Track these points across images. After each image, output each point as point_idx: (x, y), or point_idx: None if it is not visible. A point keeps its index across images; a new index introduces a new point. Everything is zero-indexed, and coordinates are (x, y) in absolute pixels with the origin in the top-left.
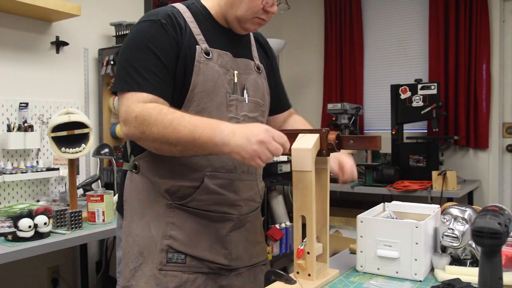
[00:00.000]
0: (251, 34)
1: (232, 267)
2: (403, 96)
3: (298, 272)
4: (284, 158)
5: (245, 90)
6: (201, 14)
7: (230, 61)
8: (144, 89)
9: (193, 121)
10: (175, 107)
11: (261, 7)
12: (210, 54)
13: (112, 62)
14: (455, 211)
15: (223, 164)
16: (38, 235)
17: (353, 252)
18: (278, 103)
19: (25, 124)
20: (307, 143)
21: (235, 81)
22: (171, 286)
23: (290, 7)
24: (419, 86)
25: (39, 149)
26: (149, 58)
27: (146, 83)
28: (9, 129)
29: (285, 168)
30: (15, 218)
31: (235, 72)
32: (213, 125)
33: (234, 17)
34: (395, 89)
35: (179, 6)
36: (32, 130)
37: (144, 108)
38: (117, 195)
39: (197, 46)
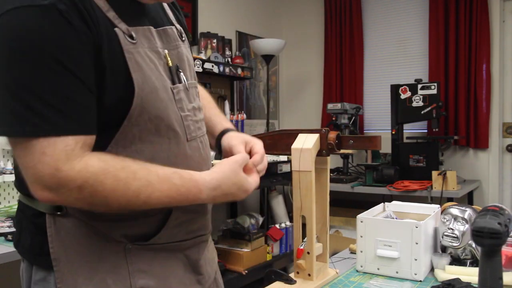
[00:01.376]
0: None
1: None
2: (403, 96)
3: (298, 272)
4: (284, 158)
5: (181, 73)
6: None
7: (155, 37)
8: (66, 130)
9: (170, 185)
10: (110, 123)
11: None
12: (135, 37)
13: None
14: (455, 211)
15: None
16: None
17: (353, 252)
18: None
19: None
20: (307, 143)
21: (170, 64)
22: None
23: None
24: (419, 86)
25: None
26: (57, 77)
27: (66, 120)
28: None
29: (285, 168)
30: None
31: (165, 51)
32: (196, 184)
33: None
34: (395, 89)
35: None
36: None
37: (91, 173)
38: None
39: (115, 29)
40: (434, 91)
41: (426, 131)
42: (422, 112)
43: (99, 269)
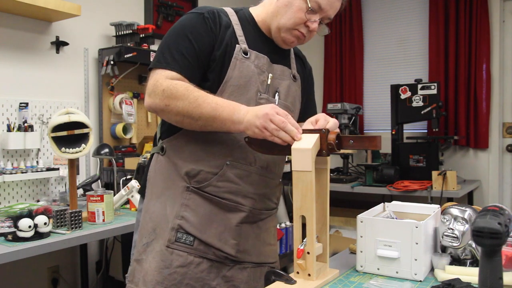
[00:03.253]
0: (291, 49)
1: (238, 259)
2: (403, 96)
3: (298, 272)
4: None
5: (277, 93)
6: (247, 21)
7: (266, 64)
8: (172, 68)
9: (216, 100)
10: None
11: (304, 21)
12: (248, 54)
13: (112, 62)
14: (455, 211)
15: (243, 155)
16: (38, 235)
17: (353, 252)
18: (306, 113)
19: (25, 124)
20: (307, 143)
21: (268, 83)
22: (175, 264)
23: (330, 32)
24: (419, 86)
25: (39, 149)
26: (183, 43)
27: (175, 63)
28: (9, 129)
29: (285, 168)
30: (15, 218)
31: (270, 75)
32: (233, 105)
33: (276, 25)
34: (395, 89)
35: (227, 9)
36: (32, 130)
37: (172, 83)
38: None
39: (237, 45)
40: (434, 91)
41: (426, 131)
42: (422, 112)
43: (165, 194)
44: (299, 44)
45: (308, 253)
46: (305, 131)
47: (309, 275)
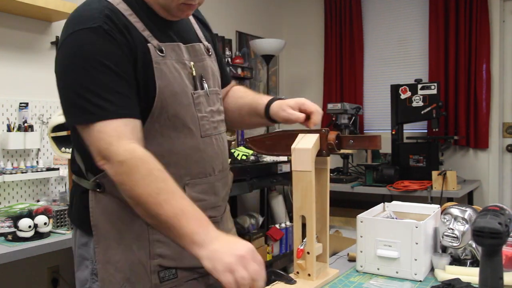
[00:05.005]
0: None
1: None
2: (403, 96)
3: (298, 272)
4: (284, 158)
5: (204, 82)
6: (136, 3)
7: (183, 51)
8: (115, 114)
9: (182, 205)
10: (145, 117)
11: None
12: (164, 51)
13: None
14: (455, 211)
15: (201, 169)
16: (38, 235)
17: (351, 260)
18: (221, 79)
19: (25, 124)
20: (307, 143)
21: (194, 74)
22: None
23: None
24: (419, 86)
25: (39, 149)
26: (106, 77)
27: (114, 107)
28: (9, 129)
29: (285, 168)
30: (15, 218)
31: (191, 63)
32: (201, 221)
33: (158, 6)
34: (395, 89)
35: None
36: (32, 130)
37: (133, 156)
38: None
39: (148, 44)
40: (434, 91)
41: (426, 131)
42: (422, 112)
43: (126, 236)
44: (195, 9)
45: (308, 253)
46: (305, 131)
47: (309, 275)
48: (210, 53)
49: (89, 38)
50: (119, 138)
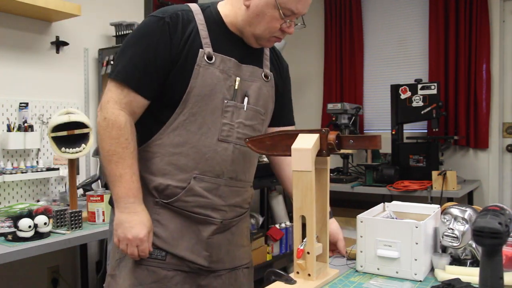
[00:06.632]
0: None
1: (212, 269)
2: (403, 96)
3: (298, 272)
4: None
5: (246, 97)
6: (214, 20)
7: (233, 67)
8: (121, 80)
9: (123, 172)
10: (170, 106)
11: (279, 28)
12: (213, 59)
13: (112, 62)
14: (455, 211)
15: (210, 168)
16: (38, 235)
17: (350, 258)
18: (281, 115)
19: (25, 124)
20: (307, 143)
21: (236, 87)
22: (148, 281)
23: (306, 26)
24: (419, 86)
25: (39, 149)
26: (137, 51)
27: (124, 75)
28: (9, 129)
29: None
30: (15, 218)
31: (237, 78)
32: (130, 192)
33: (251, 34)
34: (395, 89)
35: (193, 7)
36: (32, 130)
37: (114, 119)
38: None
39: (200, 49)
40: (434, 91)
41: (426, 131)
42: (422, 112)
43: None
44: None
45: (308, 253)
46: (305, 131)
47: (309, 275)
48: (268, 79)
49: (151, 22)
50: (115, 102)
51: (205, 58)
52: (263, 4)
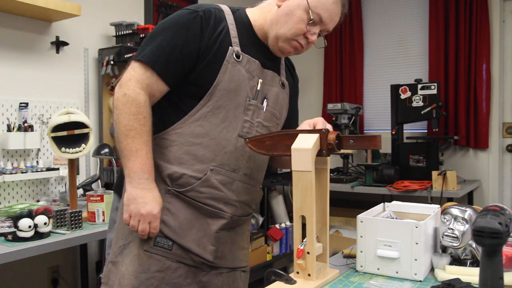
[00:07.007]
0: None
1: (215, 265)
2: (403, 96)
3: (298, 272)
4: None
5: (265, 100)
6: (243, 23)
7: (257, 69)
8: (147, 62)
9: (139, 148)
10: (194, 96)
11: (304, 32)
12: (240, 57)
13: (112, 62)
14: (455, 211)
15: (228, 162)
16: (38, 235)
17: (346, 256)
18: (288, 125)
19: (25, 124)
20: (307, 143)
21: (258, 88)
22: (153, 269)
23: (326, 45)
24: (419, 86)
25: (39, 149)
26: (167, 38)
27: (151, 58)
28: (9, 129)
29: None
30: (15, 218)
31: (260, 80)
32: (144, 167)
33: (275, 34)
34: (395, 89)
35: (224, 8)
36: (32, 130)
37: (135, 96)
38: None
39: (230, 47)
40: (434, 91)
41: (426, 131)
42: (422, 112)
43: None
44: (295, 54)
45: (308, 253)
46: (305, 131)
47: (309, 275)
48: (284, 87)
49: (184, 14)
50: (137, 81)
51: (234, 56)
52: (294, 5)
